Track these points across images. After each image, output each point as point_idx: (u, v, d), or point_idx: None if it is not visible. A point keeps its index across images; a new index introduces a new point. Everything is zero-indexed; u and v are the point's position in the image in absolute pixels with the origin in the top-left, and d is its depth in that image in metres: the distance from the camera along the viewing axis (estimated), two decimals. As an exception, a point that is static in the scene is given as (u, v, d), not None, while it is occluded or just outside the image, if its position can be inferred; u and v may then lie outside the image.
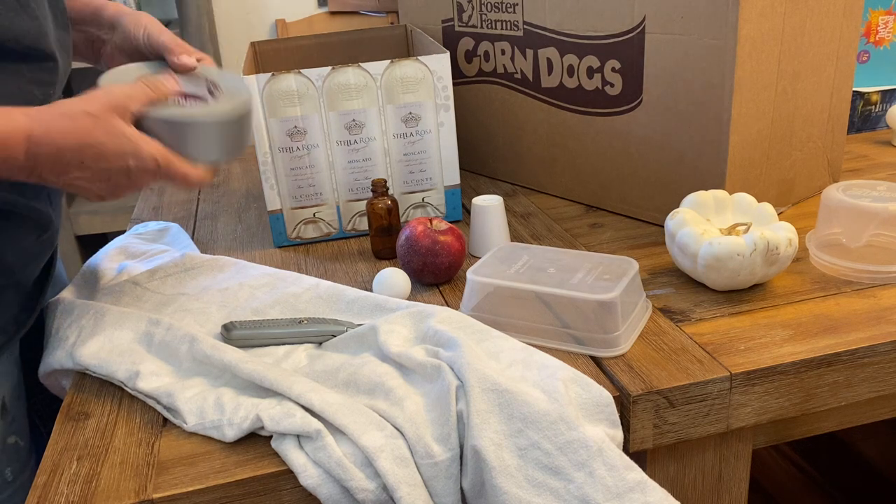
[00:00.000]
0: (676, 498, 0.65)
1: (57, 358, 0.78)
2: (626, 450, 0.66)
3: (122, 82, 0.74)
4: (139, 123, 0.71)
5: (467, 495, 0.64)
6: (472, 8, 1.17)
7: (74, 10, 0.86)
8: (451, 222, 1.05)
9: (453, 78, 1.24)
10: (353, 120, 1.00)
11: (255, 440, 0.66)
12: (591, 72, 1.02)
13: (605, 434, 0.63)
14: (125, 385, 0.73)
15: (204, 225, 1.16)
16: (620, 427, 0.65)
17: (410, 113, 1.01)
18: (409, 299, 0.85)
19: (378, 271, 0.90)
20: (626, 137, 1.01)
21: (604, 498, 0.59)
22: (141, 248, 1.00)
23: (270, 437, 0.65)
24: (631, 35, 0.95)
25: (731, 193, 0.87)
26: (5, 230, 0.76)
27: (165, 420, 0.70)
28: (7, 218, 0.76)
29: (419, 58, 0.98)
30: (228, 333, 0.77)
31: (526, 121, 1.15)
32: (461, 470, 0.64)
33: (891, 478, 1.51)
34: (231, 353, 0.72)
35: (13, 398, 0.80)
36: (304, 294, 0.85)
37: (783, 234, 0.78)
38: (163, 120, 0.72)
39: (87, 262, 0.96)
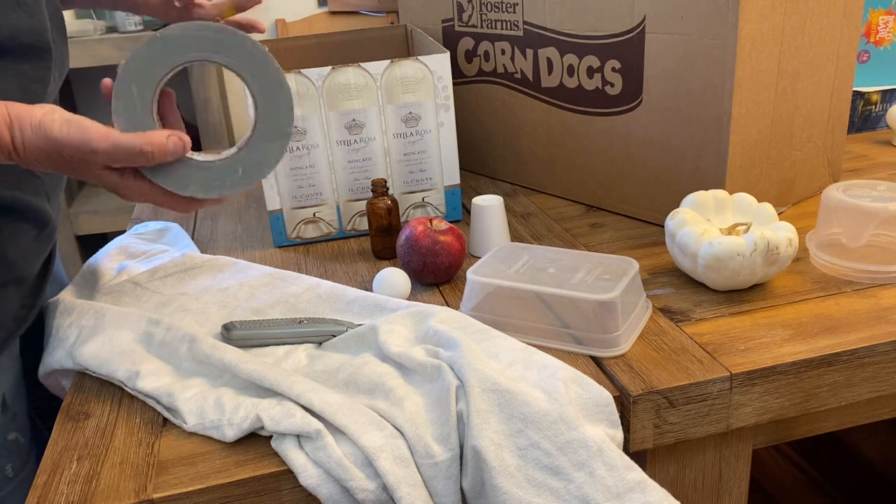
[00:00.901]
0: (676, 498, 0.65)
1: (57, 358, 0.78)
2: (626, 450, 0.66)
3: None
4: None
5: (467, 495, 0.64)
6: (472, 8, 1.17)
7: None
8: (451, 222, 1.05)
9: (453, 78, 1.24)
10: (353, 120, 0.99)
11: (255, 440, 0.66)
12: (591, 72, 1.02)
13: (605, 434, 0.63)
14: (125, 385, 0.73)
15: (204, 225, 1.16)
16: (620, 427, 0.65)
17: (410, 113, 1.01)
18: (409, 299, 0.85)
19: (378, 271, 0.90)
20: (626, 137, 1.01)
21: (604, 498, 0.59)
22: (141, 248, 1.00)
23: (270, 437, 0.65)
24: (631, 35, 0.95)
25: (731, 193, 0.87)
26: (5, 227, 0.77)
27: (165, 420, 0.70)
28: (7, 214, 0.76)
29: (419, 58, 0.98)
30: (228, 333, 0.76)
31: (526, 121, 1.15)
32: (461, 470, 0.64)
33: (891, 478, 1.51)
34: (231, 353, 0.72)
35: (13, 395, 0.80)
36: (304, 294, 0.85)
37: (783, 234, 0.78)
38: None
39: (87, 262, 0.96)
